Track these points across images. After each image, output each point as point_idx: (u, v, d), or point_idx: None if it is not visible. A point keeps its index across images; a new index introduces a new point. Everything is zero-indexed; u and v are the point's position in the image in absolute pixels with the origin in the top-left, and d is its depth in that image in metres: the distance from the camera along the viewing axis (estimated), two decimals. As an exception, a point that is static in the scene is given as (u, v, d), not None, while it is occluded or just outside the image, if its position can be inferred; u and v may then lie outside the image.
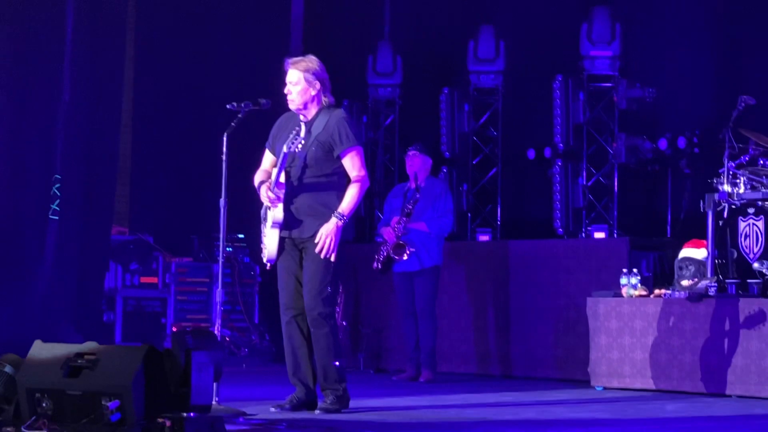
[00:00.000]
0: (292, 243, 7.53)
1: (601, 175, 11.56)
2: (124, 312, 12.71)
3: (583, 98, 11.54)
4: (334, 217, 7.41)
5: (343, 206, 7.45)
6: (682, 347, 9.02)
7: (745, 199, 9.13)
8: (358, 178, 7.48)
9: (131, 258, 12.89)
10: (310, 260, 7.46)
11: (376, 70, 12.93)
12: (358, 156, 7.52)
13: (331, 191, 7.50)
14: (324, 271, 7.44)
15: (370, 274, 11.41)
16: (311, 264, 7.46)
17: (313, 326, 7.47)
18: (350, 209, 7.47)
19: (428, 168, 10.48)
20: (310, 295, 7.45)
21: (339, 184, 7.53)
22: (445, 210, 10.33)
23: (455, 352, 11.14)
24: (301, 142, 7.34)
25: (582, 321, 9.80)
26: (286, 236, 7.51)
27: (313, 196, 7.48)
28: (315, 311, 7.44)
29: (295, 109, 7.57)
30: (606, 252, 10.53)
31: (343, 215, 7.43)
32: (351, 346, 11.81)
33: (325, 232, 7.40)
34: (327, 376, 7.49)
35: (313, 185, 7.48)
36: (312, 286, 7.44)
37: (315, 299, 7.44)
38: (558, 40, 11.96)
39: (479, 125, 12.43)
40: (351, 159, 7.49)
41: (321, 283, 7.44)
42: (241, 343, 12.66)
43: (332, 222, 7.41)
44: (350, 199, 7.46)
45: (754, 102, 9.17)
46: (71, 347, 6.39)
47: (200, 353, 6.14)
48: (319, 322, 7.45)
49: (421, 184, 10.30)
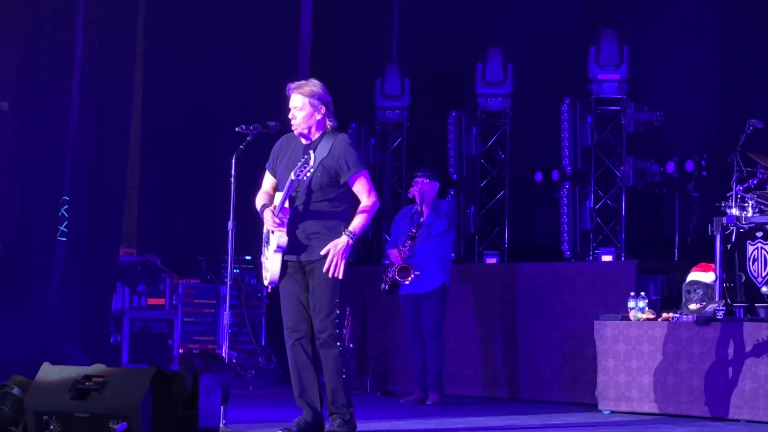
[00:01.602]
0: (296, 266, 7.49)
1: (608, 198, 11.56)
2: (131, 333, 12.71)
3: (590, 121, 11.55)
4: (344, 235, 7.36)
5: (354, 225, 7.41)
6: (690, 371, 9.00)
7: (754, 222, 9.12)
8: (368, 202, 7.45)
9: (139, 279, 12.90)
10: (318, 282, 7.42)
11: (384, 93, 12.95)
12: (366, 180, 7.49)
13: (336, 215, 7.45)
14: (332, 293, 7.40)
15: (377, 296, 11.40)
16: (319, 286, 7.42)
17: (323, 348, 7.43)
18: (360, 229, 7.42)
19: (435, 191, 10.49)
20: (320, 317, 7.41)
21: (343, 209, 7.49)
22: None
23: (462, 375, 11.11)
24: (311, 171, 7.30)
25: (589, 344, 9.77)
26: (290, 260, 7.49)
27: (317, 221, 7.43)
28: (325, 333, 7.40)
29: (298, 133, 7.53)
30: (613, 275, 10.51)
31: (354, 234, 7.38)
32: (358, 368, 11.79)
33: (333, 248, 7.34)
34: (335, 399, 7.45)
35: (318, 210, 7.44)
36: (321, 307, 7.41)
37: (324, 321, 7.40)
38: (566, 64, 11.98)
39: (487, 148, 12.44)
40: (360, 184, 7.46)
41: (330, 305, 7.40)
42: (248, 365, 12.65)
43: (342, 239, 7.35)
44: (361, 219, 7.42)
45: (762, 126, 9.18)
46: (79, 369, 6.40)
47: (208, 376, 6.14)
48: (328, 344, 7.41)
49: (427, 207, 10.30)
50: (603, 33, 11.43)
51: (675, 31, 11.59)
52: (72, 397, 6.21)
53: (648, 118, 11.41)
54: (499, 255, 12.08)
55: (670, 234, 11.38)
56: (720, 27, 11.40)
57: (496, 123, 12.43)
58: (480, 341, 11.17)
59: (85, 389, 6.22)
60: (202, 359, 6.26)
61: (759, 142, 9.39)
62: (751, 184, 9.20)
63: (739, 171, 9.15)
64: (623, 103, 11.46)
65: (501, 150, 12.41)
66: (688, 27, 11.53)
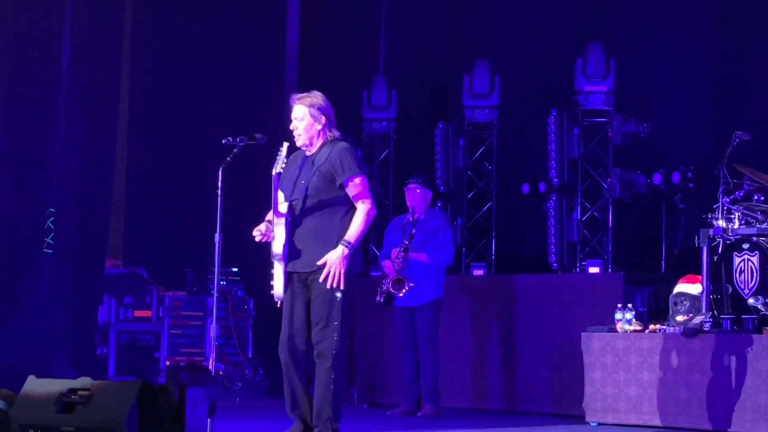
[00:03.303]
0: (298, 278, 7.47)
1: (595, 210, 11.57)
2: (117, 346, 12.68)
3: (577, 133, 11.55)
4: (340, 245, 7.32)
5: (350, 233, 7.36)
6: (677, 383, 9.00)
7: (740, 234, 9.14)
8: (363, 207, 7.42)
9: (125, 291, 12.87)
10: (317, 294, 7.37)
11: (371, 105, 12.94)
12: (362, 183, 7.45)
13: (334, 221, 7.41)
14: (331, 305, 7.34)
15: (364, 308, 11.39)
16: (318, 297, 7.37)
17: (318, 359, 7.39)
18: (357, 237, 7.36)
19: (428, 200, 10.50)
20: (317, 329, 7.36)
21: (341, 214, 7.44)
22: (446, 242, 10.34)
23: (450, 386, 11.10)
24: (284, 162, 7.30)
25: (577, 356, 9.77)
26: (291, 270, 7.47)
27: (316, 227, 7.41)
28: (321, 345, 7.35)
29: (301, 144, 7.56)
30: (600, 287, 10.53)
31: (349, 243, 7.33)
32: (345, 380, 11.77)
33: (330, 260, 7.32)
34: (320, 412, 7.39)
35: (315, 216, 7.42)
36: (319, 319, 7.36)
37: (321, 332, 7.35)
38: (552, 75, 11.99)
39: (474, 160, 12.44)
40: (354, 187, 7.43)
41: (329, 318, 7.34)
42: (235, 378, 12.62)
43: (338, 250, 7.31)
44: (357, 226, 7.37)
45: (748, 138, 9.20)
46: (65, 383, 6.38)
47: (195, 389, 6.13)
48: (323, 356, 7.35)
49: (420, 216, 10.31)
50: (589, 45, 11.44)
51: (661, 44, 11.62)
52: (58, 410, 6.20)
53: (634, 129, 11.42)
54: (486, 267, 12.08)
55: (656, 246, 11.38)
56: (707, 39, 11.42)
57: (482, 135, 12.42)
58: (467, 353, 11.17)
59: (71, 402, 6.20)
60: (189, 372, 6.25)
61: (745, 154, 9.41)
62: (737, 195, 9.22)
63: (726, 183, 9.17)
64: (610, 114, 11.46)
65: (488, 162, 12.41)
66: (675, 39, 11.55)
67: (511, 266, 12.01)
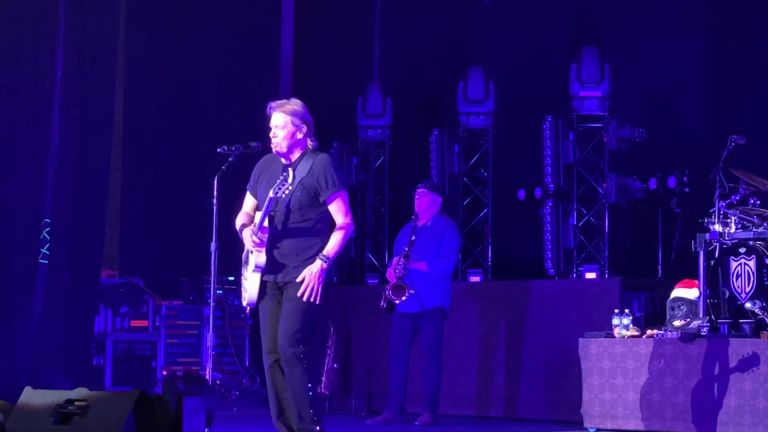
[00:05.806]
0: (274, 285, 7.48)
1: (591, 215, 11.56)
2: (114, 355, 12.65)
3: (572, 138, 11.55)
4: (318, 259, 7.36)
5: (329, 249, 7.40)
6: (675, 388, 8.99)
7: (736, 238, 9.14)
8: (343, 224, 7.45)
9: (121, 301, 12.84)
10: (288, 300, 7.39)
11: (365, 112, 12.94)
12: (343, 202, 7.47)
13: (315, 235, 7.44)
14: (300, 311, 7.35)
15: (360, 316, 11.39)
16: (288, 303, 7.38)
17: (287, 366, 7.36)
18: (335, 252, 7.43)
19: (437, 206, 10.44)
20: (284, 334, 7.34)
21: (322, 229, 7.48)
22: (448, 250, 10.29)
23: (446, 394, 11.08)
24: (289, 188, 7.29)
25: (574, 362, 9.76)
26: (267, 280, 7.47)
27: (296, 240, 7.42)
28: (288, 351, 7.33)
29: (279, 152, 7.51)
30: (597, 292, 10.52)
31: (327, 258, 7.38)
32: (342, 388, 11.75)
33: (309, 274, 7.34)
34: (302, 416, 7.37)
35: (297, 229, 7.43)
36: (287, 324, 7.35)
37: (289, 338, 7.33)
38: (547, 81, 11.99)
39: (469, 166, 12.43)
40: (337, 205, 7.45)
41: (295, 323, 7.33)
42: (232, 387, 12.60)
43: (317, 264, 7.35)
44: (335, 242, 7.41)
45: (744, 142, 9.20)
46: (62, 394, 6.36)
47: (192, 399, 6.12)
48: (292, 363, 7.33)
49: (427, 222, 10.28)
50: (584, 50, 11.44)
51: (656, 48, 11.62)
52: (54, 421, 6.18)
53: (630, 134, 11.42)
54: (482, 273, 12.07)
55: (653, 250, 11.38)
56: (701, 44, 11.43)
57: (478, 141, 12.42)
58: (463, 360, 11.16)
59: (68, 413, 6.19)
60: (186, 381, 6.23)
61: (741, 158, 9.41)
62: (733, 200, 9.22)
63: (722, 187, 9.17)
64: (605, 120, 11.47)
65: (483, 168, 12.41)
66: (670, 44, 11.56)
67: (507, 272, 12.01)
